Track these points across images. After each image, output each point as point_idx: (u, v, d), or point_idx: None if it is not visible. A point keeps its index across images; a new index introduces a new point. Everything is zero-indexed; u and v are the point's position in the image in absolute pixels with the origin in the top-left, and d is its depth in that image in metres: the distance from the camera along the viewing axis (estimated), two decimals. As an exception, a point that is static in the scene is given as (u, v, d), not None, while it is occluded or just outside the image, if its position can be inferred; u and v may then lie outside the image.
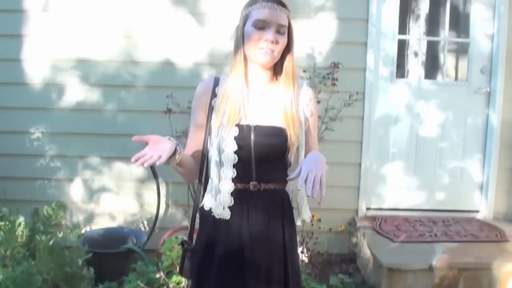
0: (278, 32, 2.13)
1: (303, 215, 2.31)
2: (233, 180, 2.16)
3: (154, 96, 4.65)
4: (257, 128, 2.17)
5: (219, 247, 2.19)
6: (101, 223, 4.78)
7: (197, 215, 2.31)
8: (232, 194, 2.16)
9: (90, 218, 4.83)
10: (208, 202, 2.21)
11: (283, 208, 2.26)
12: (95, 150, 4.77)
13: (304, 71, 4.46)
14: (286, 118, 2.18)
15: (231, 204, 2.16)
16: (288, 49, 2.20)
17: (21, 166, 4.76)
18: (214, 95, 2.23)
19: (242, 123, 2.16)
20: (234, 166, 2.15)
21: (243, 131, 2.15)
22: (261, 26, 2.12)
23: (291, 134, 2.17)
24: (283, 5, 2.16)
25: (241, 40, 2.17)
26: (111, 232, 4.58)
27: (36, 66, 4.68)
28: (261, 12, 2.12)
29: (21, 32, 4.66)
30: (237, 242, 2.17)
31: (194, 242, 2.32)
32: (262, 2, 2.13)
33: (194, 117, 2.29)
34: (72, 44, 4.67)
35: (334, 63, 4.52)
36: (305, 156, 2.19)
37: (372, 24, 4.72)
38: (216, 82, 2.26)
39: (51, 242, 3.56)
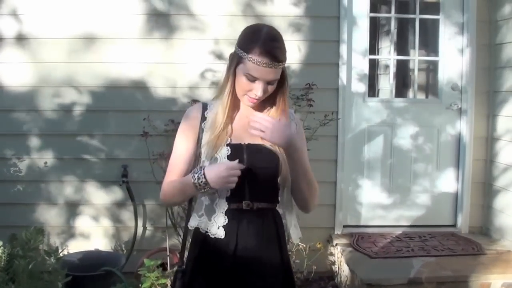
0: (269, 83, 2.11)
1: (292, 236, 2.33)
2: (227, 199, 2.16)
3: (131, 119, 4.66)
4: (249, 146, 2.17)
5: (211, 266, 2.18)
6: (79, 247, 4.73)
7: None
8: (225, 213, 2.16)
9: (68, 241, 4.81)
10: (194, 222, 2.21)
11: (276, 226, 2.26)
12: (73, 174, 4.76)
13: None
14: None
15: (225, 223, 2.16)
16: (280, 83, 2.17)
17: (-1, 192, 4.74)
18: (204, 118, 2.23)
19: (233, 142, 2.17)
20: None
21: (235, 150, 2.15)
22: (252, 79, 2.07)
23: (281, 155, 2.17)
24: (281, 60, 2.09)
25: (232, 74, 2.13)
26: (89, 255, 4.54)
27: (13, 92, 4.69)
28: (255, 69, 2.05)
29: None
30: (230, 261, 2.16)
31: (185, 263, 2.30)
32: (260, 55, 2.03)
33: (182, 138, 2.25)
34: (49, 70, 4.68)
35: (309, 84, 4.53)
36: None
37: (344, 45, 4.79)
38: (205, 107, 2.26)
39: (30, 266, 3.53)
